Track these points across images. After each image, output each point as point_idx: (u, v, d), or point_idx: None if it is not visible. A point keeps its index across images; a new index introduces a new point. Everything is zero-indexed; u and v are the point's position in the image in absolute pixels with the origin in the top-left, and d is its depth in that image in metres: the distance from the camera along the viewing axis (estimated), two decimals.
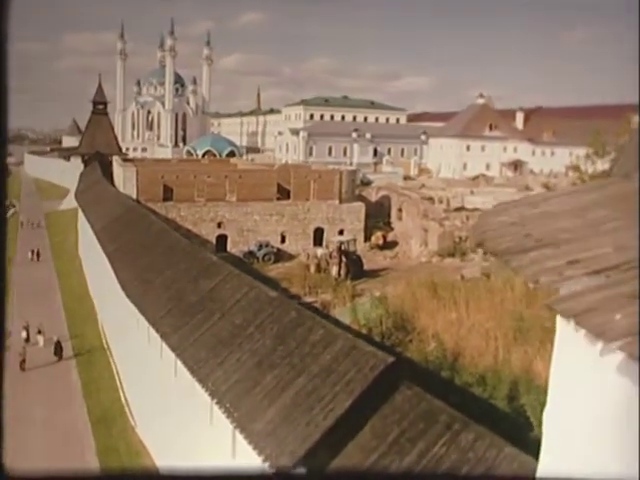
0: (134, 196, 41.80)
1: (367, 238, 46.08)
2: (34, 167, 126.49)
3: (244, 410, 12.69)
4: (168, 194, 43.58)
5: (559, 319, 2.80)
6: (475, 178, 72.48)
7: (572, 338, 2.68)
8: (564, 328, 2.83)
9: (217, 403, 13.46)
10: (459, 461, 9.78)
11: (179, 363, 16.91)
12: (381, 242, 45.09)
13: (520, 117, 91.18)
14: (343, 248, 35.37)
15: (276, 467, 10.84)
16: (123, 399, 24.72)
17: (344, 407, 11.20)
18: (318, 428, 11.14)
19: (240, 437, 13.01)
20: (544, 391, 15.04)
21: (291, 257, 43.55)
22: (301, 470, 10.13)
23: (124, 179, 43.59)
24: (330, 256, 35.04)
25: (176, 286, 19.89)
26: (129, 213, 32.80)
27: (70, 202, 67.46)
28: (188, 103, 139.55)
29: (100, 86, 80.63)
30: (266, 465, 11.38)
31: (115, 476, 3.99)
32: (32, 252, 51.53)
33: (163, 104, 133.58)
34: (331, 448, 11.08)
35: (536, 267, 2.89)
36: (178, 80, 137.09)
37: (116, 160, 54.31)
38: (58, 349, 28.89)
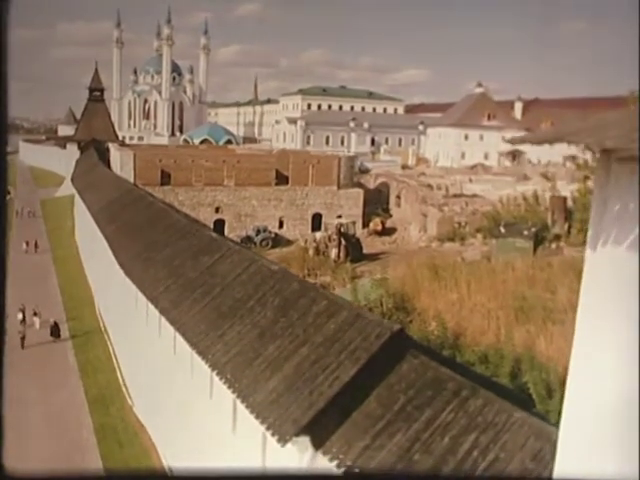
0: (131, 180, 41.41)
1: (365, 224, 45.88)
2: (29, 155, 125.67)
3: (245, 381, 12.46)
4: (166, 178, 43.26)
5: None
6: (473, 167, 72.28)
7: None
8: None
9: (218, 374, 13.22)
10: (468, 427, 9.57)
11: (178, 339, 16.68)
12: (379, 228, 44.89)
13: (519, 107, 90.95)
14: (342, 230, 35.15)
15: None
16: (120, 380, 24.49)
17: (349, 375, 10.97)
18: (323, 396, 10.91)
19: (241, 411, 12.81)
20: (546, 368, 14.74)
21: (289, 242, 43.31)
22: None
23: (121, 163, 43.21)
24: (329, 239, 34.82)
25: (175, 263, 19.64)
26: (127, 195, 32.48)
27: (66, 189, 67.00)
28: (185, 92, 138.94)
29: (97, 72, 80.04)
30: (268, 434, 11.17)
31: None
32: (27, 243, 48.47)
33: (160, 93, 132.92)
34: (336, 416, 10.87)
35: None
36: (175, 69, 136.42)
37: (113, 145, 53.87)
38: (55, 330, 28.65)
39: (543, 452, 8.58)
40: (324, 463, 10.67)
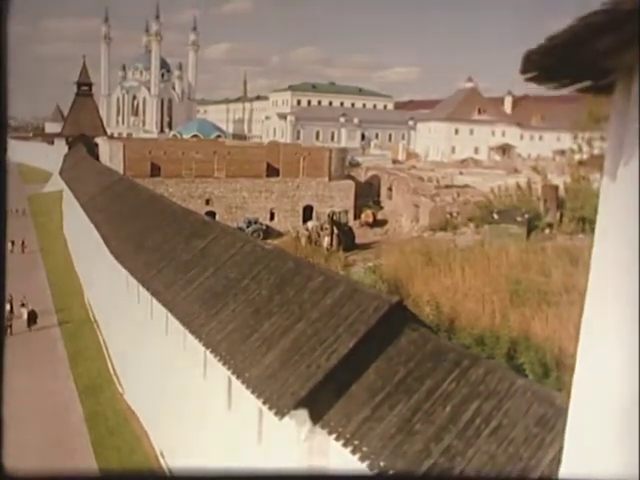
0: (121, 172, 40.98)
1: (357, 216, 45.70)
2: (16, 152, 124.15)
3: (241, 357, 12.23)
4: (156, 171, 42.84)
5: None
6: (464, 161, 72.33)
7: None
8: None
9: (212, 352, 12.98)
10: (470, 395, 9.41)
11: (170, 322, 16.42)
12: (371, 220, 44.72)
13: (509, 101, 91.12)
14: (335, 219, 34.95)
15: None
16: (111, 369, 24.21)
17: (347, 347, 10.77)
18: (320, 369, 10.71)
19: (236, 390, 12.58)
20: (542, 349, 14.54)
21: (280, 234, 43.04)
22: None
23: (110, 155, 42.78)
24: (321, 228, 34.60)
25: (167, 247, 19.36)
26: (117, 184, 32.09)
27: (54, 185, 66.38)
28: (174, 89, 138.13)
29: (85, 67, 79.37)
30: (265, 410, 10.95)
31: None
32: (13, 243, 43.19)
33: (149, 89, 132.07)
34: (335, 390, 10.67)
35: None
36: (164, 65, 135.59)
37: (101, 138, 53.36)
38: (31, 318, 28.25)
39: (547, 417, 8.44)
40: (322, 437, 10.48)
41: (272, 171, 45.29)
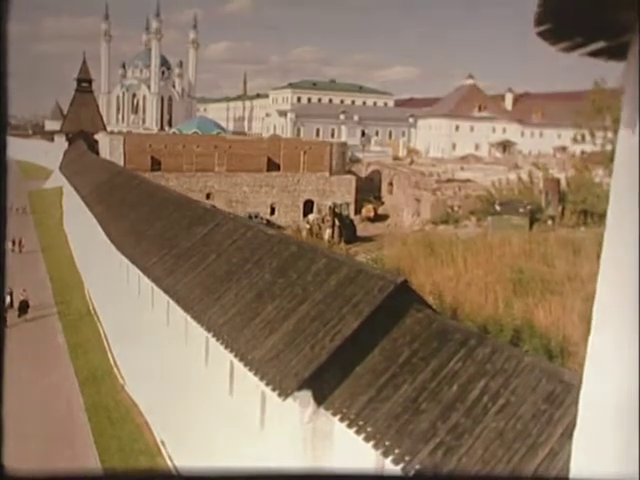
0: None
1: (358, 211, 45.54)
2: (16, 149, 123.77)
3: (243, 340, 12.09)
4: (156, 165, 42.71)
5: None
6: (464, 157, 72.18)
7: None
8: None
9: (214, 336, 12.85)
10: (476, 374, 9.29)
11: (172, 310, 16.30)
12: (372, 215, 44.59)
13: (509, 98, 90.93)
14: (336, 211, 34.80)
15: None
16: (111, 360, 24.06)
17: (351, 328, 10.64)
18: (324, 350, 10.57)
19: (238, 374, 12.46)
20: (546, 336, 14.34)
21: (280, 229, 42.89)
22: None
23: (110, 149, 42.65)
24: (323, 220, 34.45)
25: (168, 235, 19.23)
26: (117, 176, 31.96)
27: (54, 182, 66.20)
28: (174, 87, 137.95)
29: (85, 63, 79.21)
30: (268, 392, 10.82)
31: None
32: (13, 242, 42.50)
33: (149, 87, 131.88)
34: (339, 371, 10.54)
35: None
36: (164, 63, 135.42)
37: (102, 132, 53.22)
38: (23, 307, 28.06)
39: (556, 393, 8.32)
40: (326, 418, 10.35)
41: (273, 165, 45.15)
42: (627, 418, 1.89)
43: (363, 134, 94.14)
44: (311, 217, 37.70)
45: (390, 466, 8.78)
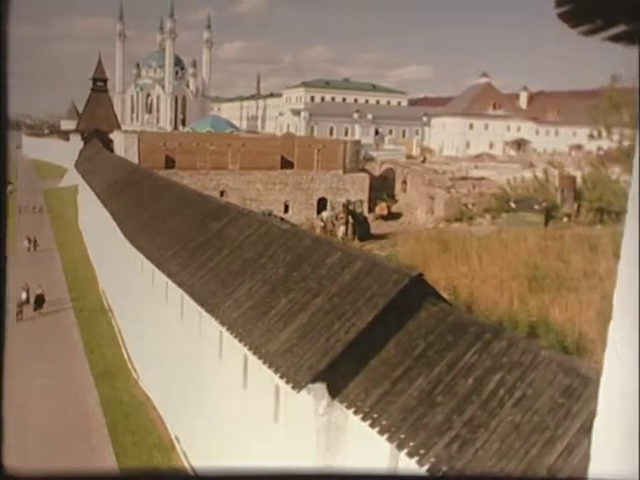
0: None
1: (371, 209, 45.44)
2: (32, 149, 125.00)
3: (257, 332, 12.07)
4: (170, 163, 42.85)
5: None
6: (478, 156, 71.78)
7: None
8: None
9: (228, 329, 12.84)
10: (492, 367, 9.19)
11: (186, 304, 16.33)
12: (385, 213, 44.44)
13: (524, 96, 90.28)
14: (350, 208, 34.73)
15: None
16: (125, 355, 24.23)
17: (366, 321, 10.58)
18: (339, 342, 10.52)
19: (252, 367, 12.44)
20: (562, 332, 14.15)
21: (294, 226, 42.89)
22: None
23: (125, 147, 42.85)
24: (336, 217, 34.39)
25: (183, 230, 19.27)
26: (132, 174, 32.11)
27: (69, 180, 66.69)
28: (188, 86, 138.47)
29: (100, 63, 79.73)
30: (282, 384, 10.80)
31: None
32: (29, 240, 43.54)
33: (163, 87, 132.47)
34: (353, 364, 10.49)
35: None
36: (178, 63, 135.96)
37: (116, 132, 53.51)
38: (39, 301, 28.49)
39: (573, 387, 8.22)
40: (340, 411, 10.31)
41: (286, 163, 45.15)
42: None
43: (377, 133, 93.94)
44: (325, 214, 37.65)
45: (405, 459, 8.72)
